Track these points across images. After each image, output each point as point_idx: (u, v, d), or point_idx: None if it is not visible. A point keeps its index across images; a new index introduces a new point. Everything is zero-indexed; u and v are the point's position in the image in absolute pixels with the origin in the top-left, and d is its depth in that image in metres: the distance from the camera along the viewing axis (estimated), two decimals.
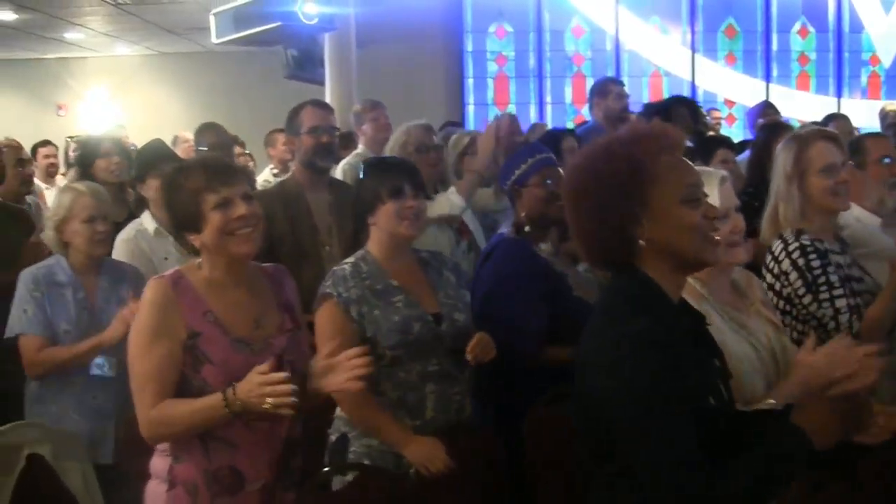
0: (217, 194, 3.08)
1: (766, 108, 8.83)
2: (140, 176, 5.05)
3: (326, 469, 3.64)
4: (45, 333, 4.43)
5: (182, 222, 3.15)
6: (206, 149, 6.09)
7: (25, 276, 4.51)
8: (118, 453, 4.28)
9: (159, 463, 3.21)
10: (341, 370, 3.09)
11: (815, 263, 3.94)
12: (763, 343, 3.41)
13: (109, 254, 4.77)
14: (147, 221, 4.99)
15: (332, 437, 3.80)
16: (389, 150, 5.56)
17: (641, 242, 2.46)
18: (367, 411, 3.68)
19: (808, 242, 3.98)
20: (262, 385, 2.89)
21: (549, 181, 4.31)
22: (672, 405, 2.32)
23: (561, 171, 4.34)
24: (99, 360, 4.44)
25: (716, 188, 3.35)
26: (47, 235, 4.58)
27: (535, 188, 4.33)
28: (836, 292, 3.92)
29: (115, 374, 4.43)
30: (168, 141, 7.36)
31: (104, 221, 4.54)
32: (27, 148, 8.31)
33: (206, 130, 6.33)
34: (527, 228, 4.39)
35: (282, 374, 2.89)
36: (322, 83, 11.39)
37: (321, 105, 5.34)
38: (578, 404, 2.55)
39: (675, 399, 2.32)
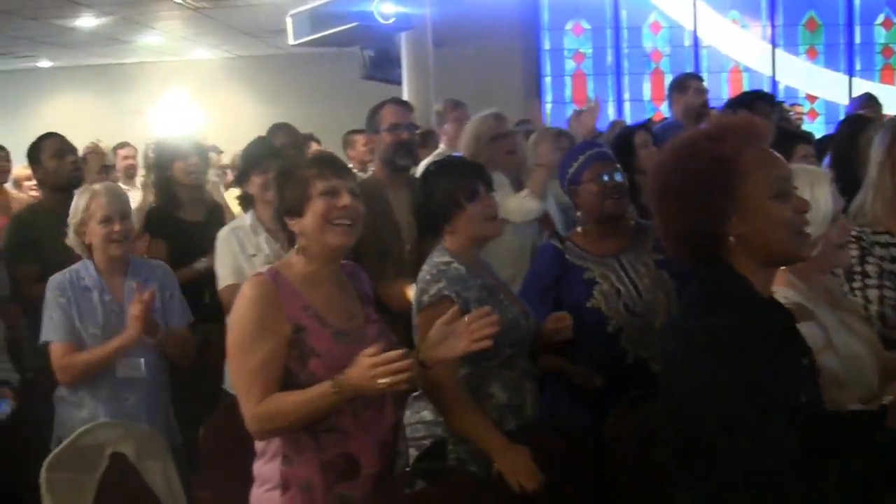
0: (326, 181, 3.15)
1: (867, 101, 8.61)
2: (244, 173, 5.04)
3: (412, 471, 3.62)
4: (70, 339, 4.39)
5: (288, 206, 3.20)
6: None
7: (51, 283, 4.49)
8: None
9: (267, 469, 3.20)
10: (464, 334, 3.11)
11: (854, 254, 3.88)
12: (871, 342, 3.35)
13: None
14: (247, 217, 5.01)
15: (427, 442, 3.76)
16: (464, 145, 5.54)
17: (731, 239, 2.40)
18: (466, 413, 3.61)
19: (854, 234, 3.92)
20: (374, 366, 2.90)
21: (603, 176, 4.20)
22: (762, 403, 2.26)
23: (617, 165, 4.30)
24: (130, 360, 4.42)
25: (827, 188, 3.28)
26: (70, 239, 4.57)
27: (589, 184, 4.22)
28: (870, 282, 3.88)
29: (147, 374, 4.44)
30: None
31: (122, 221, 4.47)
32: (108, 151, 8.46)
33: (277, 130, 6.35)
34: (579, 229, 4.34)
35: (395, 353, 2.92)
36: (399, 83, 11.41)
37: (401, 103, 5.35)
38: (664, 403, 2.50)
39: (765, 397, 2.27)
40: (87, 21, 13.29)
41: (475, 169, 3.91)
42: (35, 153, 5.76)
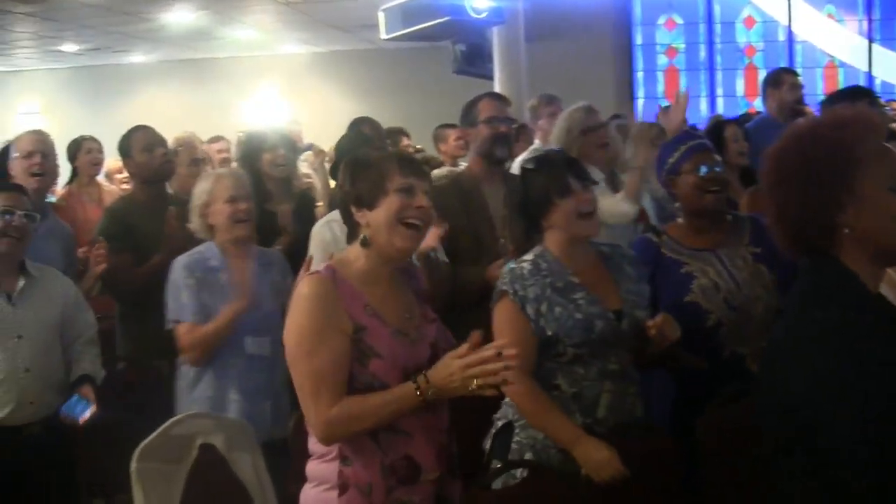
0: (405, 178, 3.09)
1: None
2: (337, 166, 5.00)
3: (499, 466, 3.59)
4: (198, 320, 4.49)
5: (359, 195, 3.13)
6: None
7: (178, 265, 4.59)
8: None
9: (324, 469, 3.13)
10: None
11: None
12: None
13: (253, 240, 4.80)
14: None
15: (499, 424, 3.75)
16: (555, 139, 5.50)
17: (845, 230, 2.32)
18: (538, 403, 3.61)
19: None
20: (467, 367, 2.84)
21: (703, 167, 4.16)
22: (870, 400, 2.18)
23: (717, 157, 4.27)
24: (258, 339, 4.50)
25: None
26: (194, 223, 4.66)
27: (689, 175, 4.17)
28: None
29: (271, 353, 4.47)
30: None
31: (246, 202, 4.58)
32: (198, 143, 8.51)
33: (360, 124, 6.33)
34: (679, 220, 4.29)
35: (490, 352, 2.84)
36: (491, 78, 11.37)
37: (498, 97, 5.32)
38: (765, 398, 2.43)
39: (873, 394, 2.18)
40: (179, 16, 13.44)
41: (568, 163, 3.86)
42: (125, 147, 5.81)
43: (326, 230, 4.83)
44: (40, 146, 5.47)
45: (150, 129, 5.84)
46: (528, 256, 3.75)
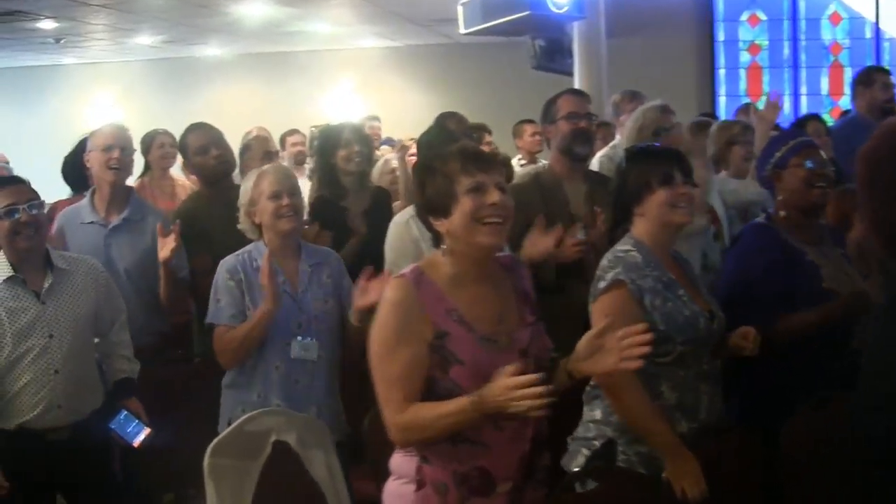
0: (472, 178, 3.03)
1: None
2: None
3: (579, 472, 3.57)
4: (235, 323, 4.41)
5: (432, 205, 3.10)
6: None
7: (223, 265, 4.52)
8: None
9: (405, 463, 3.15)
10: (613, 350, 2.96)
11: None
12: None
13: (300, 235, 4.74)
14: None
15: (596, 444, 3.71)
16: (627, 136, 5.46)
17: None
18: (643, 410, 3.56)
19: None
20: (511, 389, 2.80)
21: (809, 163, 4.19)
22: None
23: (822, 153, 4.29)
24: (304, 341, 4.43)
25: None
26: (242, 222, 4.59)
27: (796, 169, 4.20)
28: None
29: (318, 357, 4.44)
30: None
31: (291, 197, 4.48)
32: (276, 137, 8.55)
33: (446, 119, 6.30)
34: (782, 213, 4.26)
35: (532, 377, 2.80)
36: (570, 74, 11.32)
37: (578, 93, 5.33)
38: (862, 406, 2.39)
39: None
40: (255, 9, 13.52)
41: (674, 155, 3.85)
42: (182, 147, 5.90)
43: (405, 227, 4.81)
44: (119, 140, 5.48)
45: (203, 130, 5.85)
46: (627, 246, 3.73)
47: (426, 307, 3.03)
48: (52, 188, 4.69)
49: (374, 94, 16.75)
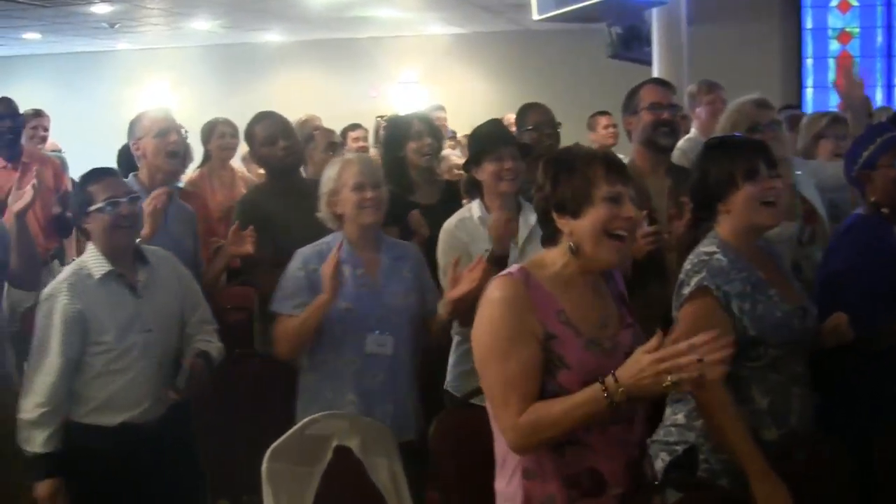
0: (612, 187, 3.05)
1: None
2: (475, 158, 4.94)
3: (663, 481, 3.55)
4: (293, 312, 4.45)
5: (563, 203, 3.10)
6: (531, 128, 6.03)
7: (297, 255, 4.59)
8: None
9: (510, 488, 3.16)
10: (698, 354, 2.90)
11: None
12: None
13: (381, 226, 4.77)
14: (475, 208, 4.93)
15: (678, 449, 3.71)
16: (720, 129, 5.39)
17: None
18: (730, 419, 3.50)
19: None
20: (657, 362, 2.77)
21: None
22: None
23: None
24: (379, 336, 4.47)
25: None
26: (321, 211, 4.64)
27: (886, 169, 4.17)
28: None
29: (393, 352, 4.48)
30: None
31: (375, 189, 4.53)
32: (338, 129, 8.58)
33: (530, 110, 6.29)
34: (884, 210, 4.24)
35: (681, 346, 2.77)
36: (648, 63, 11.23)
37: (662, 83, 5.26)
38: None
39: None
40: None
41: (758, 147, 3.81)
42: (249, 136, 5.90)
43: (454, 231, 4.89)
44: (173, 123, 5.50)
45: (271, 119, 5.86)
46: (712, 248, 3.71)
47: (536, 307, 3.05)
48: None
49: (439, 84, 16.76)
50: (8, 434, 4.35)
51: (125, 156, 6.53)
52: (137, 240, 4.61)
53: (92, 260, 4.44)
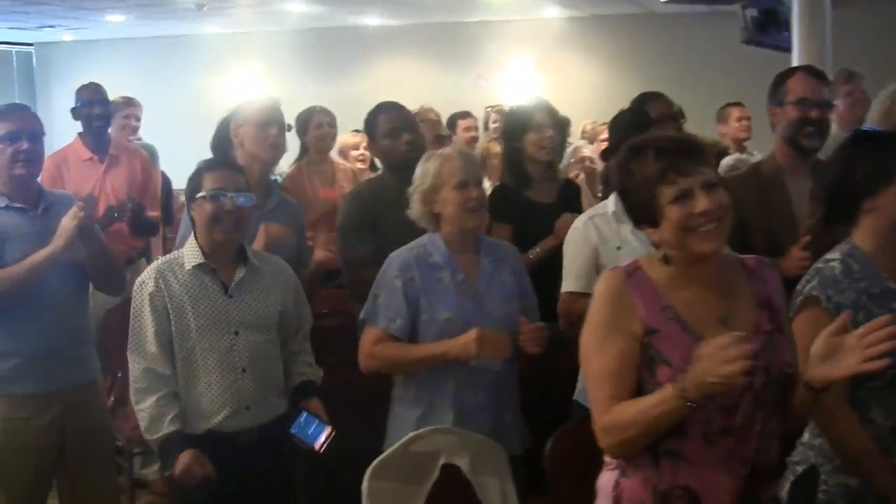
0: (674, 186, 3.04)
1: None
2: (616, 147, 4.79)
3: None
4: (388, 327, 4.48)
5: (637, 214, 3.18)
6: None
7: (393, 259, 4.59)
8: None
9: (605, 478, 3.23)
10: (855, 349, 2.92)
11: None
12: None
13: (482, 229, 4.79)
14: (610, 201, 4.88)
15: (798, 469, 3.65)
16: (871, 120, 5.32)
17: None
18: (857, 441, 3.48)
19: None
20: (722, 347, 2.80)
21: None
22: None
23: None
24: None
25: None
26: (415, 210, 4.63)
27: None
28: None
29: (500, 366, 4.46)
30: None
31: (478, 187, 4.54)
32: (443, 117, 8.60)
33: (649, 100, 6.25)
34: None
35: (732, 335, 2.80)
36: (787, 49, 11.10)
37: (814, 73, 5.10)
38: None
39: None
40: None
41: None
42: (369, 127, 5.90)
43: (583, 230, 4.85)
44: (277, 116, 5.57)
45: (395, 111, 5.88)
46: (836, 254, 3.65)
47: (638, 302, 3.09)
48: (189, 166, 4.76)
49: (552, 72, 16.68)
50: (103, 437, 4.45)
51: (215, 149, 6.64)
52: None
53: (188, 250, 4.54)
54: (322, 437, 4.48)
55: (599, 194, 5.58)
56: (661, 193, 3.05)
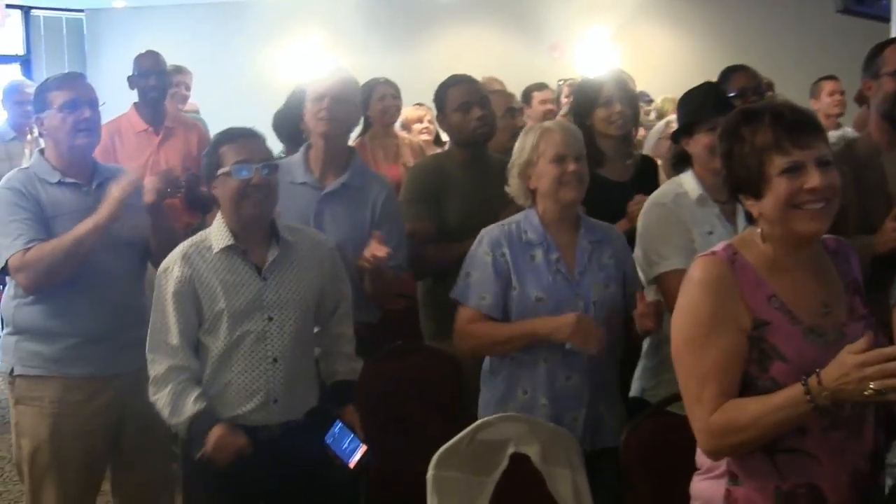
0: (786, 157, 3.04)
1: None
2: (687, 128, 4.92)
3: None
4: (481, 306, 4.52)
5: (740, 183, 3.15)
6: (734, 95, 5.98)
7: (485, 234, 4.62)
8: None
9: (708, 488, 3.21)
10: None
11: None
12: None
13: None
14: (689, 183, 4.87)
15: None
16: None
17: None
18: None
19: None
20: (862, 366, 2.79)
21: None
22: None
23: None
24: None
25: None
26: (512, 185, 4.67)
27: None
28: None
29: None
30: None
31: (576, 162, 4.53)
32: (517, 91, 8.61)
33: (734, 73, 6.25)
34: None
35: (889, 350, 2.79)
36: (886, 20, 11.02)
37: None
38: None
39: None
40: None
41: None
42: (439, 100, 5.92)
43: (670, 208, 4.82)
44: (332, 88, 5.49)
45: (467, 83, 5.91)
46: None
47: (743, 291, 3.08)
48: None
49: (632, 43, 16.54)
50: (159, 424, 4.49)
51: (281, 119, 6.68)
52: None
53: (215, 231, 4.50)
54: (357, 456, 4.39)
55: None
56: (771, 162, 3.05)
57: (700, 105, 4.95)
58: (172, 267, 4.45)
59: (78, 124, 4.89)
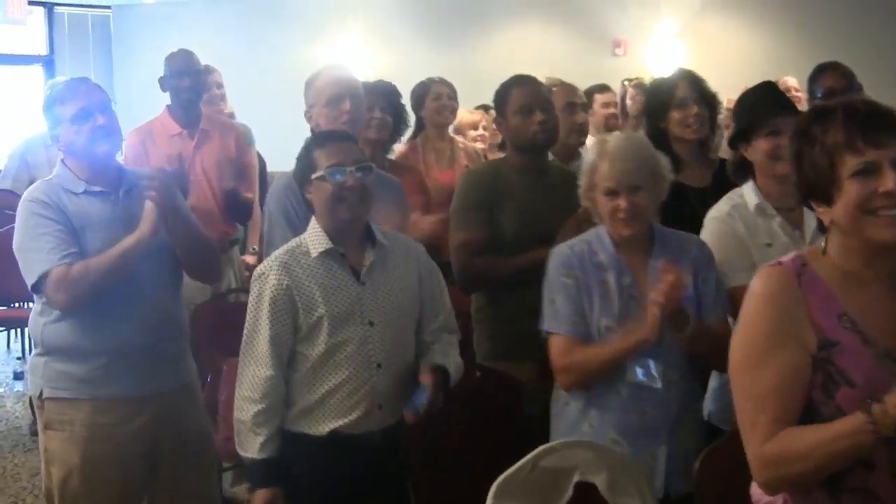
0: (859, 157, 2.98)
1: None
2: (744, 133, 4.92)
3: None
4: (575, 332, 4.50)
5: (810, 187, 3.10)
6: (822, 95, 5.98)
7: (555, 257, 4.62)
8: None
9: None
10: None
11: None
12: None
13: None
14: (748, 193, 4.88)
15: None
16: None
17: None
18: None
19: None
20: None
21: None
22: None
23: None
24: (646, 362, 4.45)
25: None
26: (583, 199, 4.67)
27: None
28: None
29: (664, 384, 4.47)
30: None
31: (630, 196, 4.47)
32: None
33: (824, 72, 6.23)
34: None
35: None
36: None
37: None
38: None
39: None
40: None
41: None
42: (499, 102, 5.91)
43: (725, 221, 4.84)
44: (347, 87, 5.56)
45: (532, 86, 5.88)
46: None
47: (811, 307, 3.02)
48: (288, 146, 4.79)
49: (702, 40, 16.52)
50: (202, 448, 4.52)
51: None
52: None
53: (312, 236, 4.61)
54: (423, 401, 4.50)
55: None
56: (843, 163, 2.99)
57: (756, 107, 4.95)
58: (268, 273, 4.54)
59: (94, 133, 4.93)
